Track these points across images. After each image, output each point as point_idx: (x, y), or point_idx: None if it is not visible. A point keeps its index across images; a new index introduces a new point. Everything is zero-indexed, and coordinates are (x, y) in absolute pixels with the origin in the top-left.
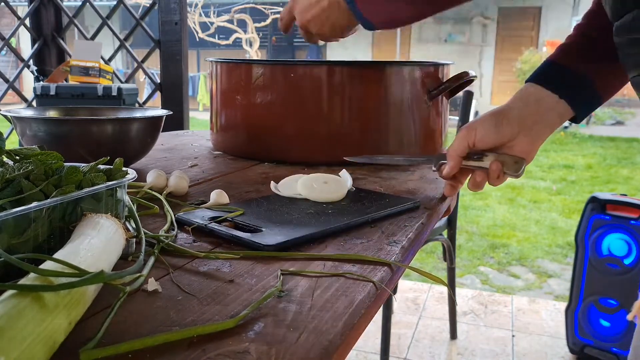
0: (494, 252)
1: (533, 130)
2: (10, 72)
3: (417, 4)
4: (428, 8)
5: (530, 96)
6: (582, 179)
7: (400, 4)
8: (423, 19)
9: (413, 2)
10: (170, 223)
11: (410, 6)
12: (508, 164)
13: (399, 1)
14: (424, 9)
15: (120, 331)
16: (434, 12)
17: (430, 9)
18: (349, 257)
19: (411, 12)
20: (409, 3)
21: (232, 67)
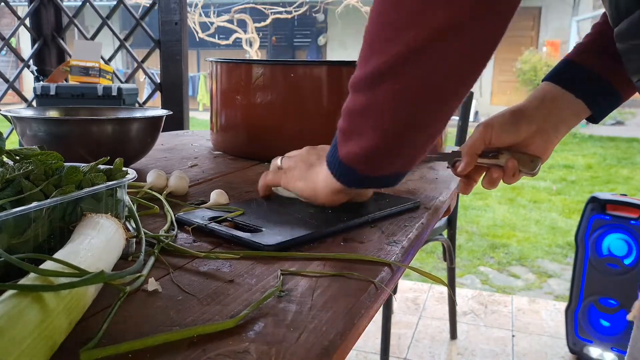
0: (494, 252)
1: (550, 129)
2: (10, 72)
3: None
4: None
5: (547, 95)
6: (582, 179)
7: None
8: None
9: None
10: (170, 223)
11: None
12: (524, 162)
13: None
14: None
15: (121, 331)
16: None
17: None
18: (349, 257)
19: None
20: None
21: (232, 67)
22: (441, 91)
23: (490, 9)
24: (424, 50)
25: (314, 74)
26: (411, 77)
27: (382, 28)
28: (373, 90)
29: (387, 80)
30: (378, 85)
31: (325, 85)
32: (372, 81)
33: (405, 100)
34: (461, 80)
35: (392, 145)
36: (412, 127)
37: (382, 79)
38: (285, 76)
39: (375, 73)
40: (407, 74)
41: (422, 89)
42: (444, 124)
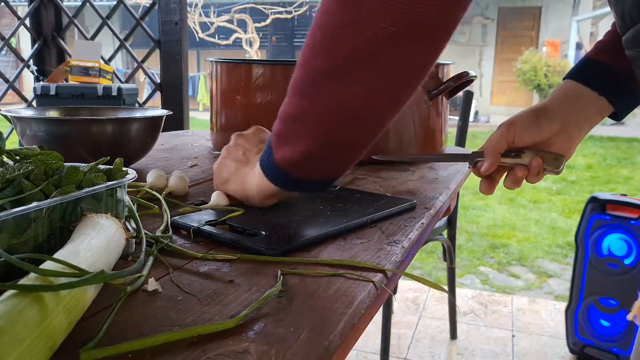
0: (494, 252)
1: (572, 127)
2: (10, 72)
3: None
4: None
5: (569, 92)
6: (582, 179)
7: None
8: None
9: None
10: (166, 224)
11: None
12: (548, 160)
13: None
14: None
15: (121, 331)
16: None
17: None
18: (347, 263)
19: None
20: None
21: (232, 67)
22: (372, 107)
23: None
24: (349, 69)
25: None
26: (345, 88)
27: (327, 31)
28: (311, 95)
29: (327, 85)
30: (317, 90)
31: None
32: (312, 84)
33: (339, 110)
34: (391, 99)
35: (326, 152)
36: (344, 136)
37: (321, 84)
38: (285, 76)
39: (317, 77)
40: (340, 85)
41: (354, 102)
42: (375, 136)
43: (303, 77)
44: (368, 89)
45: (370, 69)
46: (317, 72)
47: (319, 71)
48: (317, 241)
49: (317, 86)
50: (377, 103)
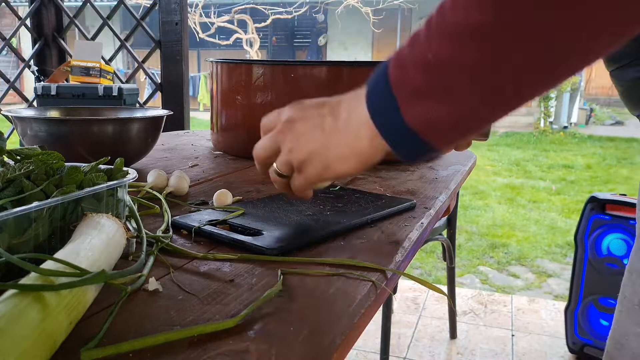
0: (493, 251)
1: None
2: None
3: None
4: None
5: None
6: (582, 178)
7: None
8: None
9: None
10: (167, 224)
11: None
12: None
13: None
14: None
15: (121, 331)
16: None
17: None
18: (347, 263)
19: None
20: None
21: (232, 67)
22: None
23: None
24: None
25: (314, 74)
26: (547, 34)
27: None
28: (494, 41)
29: (523, 30)
30: (504, 36)
31: (325, 85)
32: (496, 30)
33: (530, 63)
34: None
35: (481, 115)
36: (516, 98)
37: (515, 28)
38: (285, 76)
39: (510, 18)
40: (543, 30)
41: (555, 53)
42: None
43: (486, 17)
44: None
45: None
46: (512, 11)
47: (516, 9)
48: (317, 241)
49: (508, 35)
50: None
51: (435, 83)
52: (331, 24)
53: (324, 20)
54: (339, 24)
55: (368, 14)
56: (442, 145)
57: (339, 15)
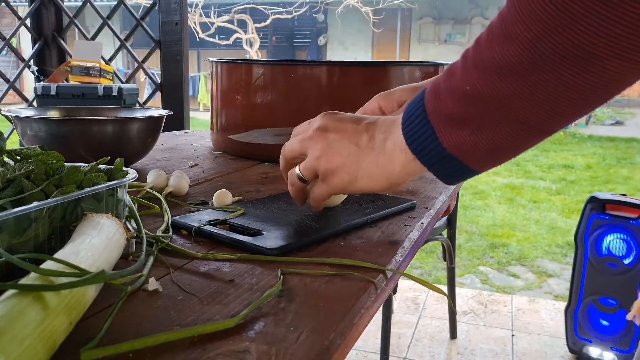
0: (493, 251)
1: None
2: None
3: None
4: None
5: None
6: (582, 178)
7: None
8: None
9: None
10: (166, 224)
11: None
12: None
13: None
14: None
15: (121, 331)
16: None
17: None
18: (347, 263)
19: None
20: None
21: (232, 67)
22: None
23: None
24: (599, 54)
25: (314, 74)
26: (581, 74)
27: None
28: (533, 77)
29: (559, 69)
30: (541, 73)
31: (325, 85)
32: (537, 64)
33: (562, 97)
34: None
35: (517, 142)
36: (549, 125)
37: (553, 66)
38: (285, 76)
39: (548, 56)
40: (580, 71)
41: (590, 90)
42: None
43: (521, 54)
44: (607, 79)
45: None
46: (551, 51)
47: (555, 50)
48: (317, 241)
49: (543, 69)
50: (610, 92)
51: (472, 113)
52: (331, 23)
53: (324, 20)
54: (339, 24)
55: (368, 14)
56: (481, 167)
57: (339, 15)
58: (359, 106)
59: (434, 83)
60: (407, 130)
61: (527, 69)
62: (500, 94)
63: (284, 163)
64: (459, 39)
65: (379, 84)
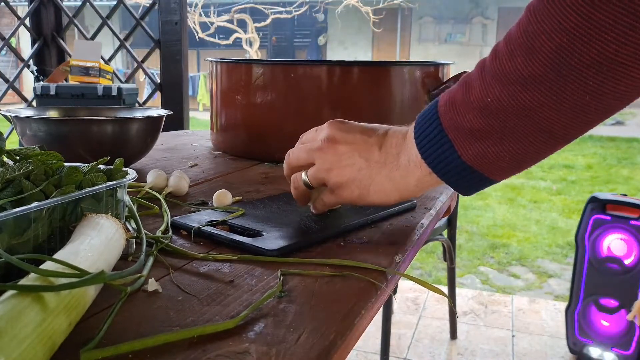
0: (494, 252)
1: None
2: (10, 72)
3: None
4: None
5: None
6: (582, 179)
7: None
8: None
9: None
10: (166, 225)
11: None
12: None
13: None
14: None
15: (121, 331)
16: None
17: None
18: (346, 264)
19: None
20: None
21: (232, 67)
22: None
23: None
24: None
25: (314, 74)
26: (606, 83)
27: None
28: (555, 86)
29: (585, 79)
30: (564, 83)
31: (325, 85)
32: (562, 75)
33: (588, 107)
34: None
35: (539, 152)
36: (569, 135)
37: (578, 76)
38: (285, 76)
39: (573, 66)
40: (603, 80)
41: (609, 100)
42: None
43: (546, 64)
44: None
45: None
46: (577, 60)
47: (581, 59)
48: (317, 241)
49: (568, 78)
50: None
51: (494, 125)
52: (331, 23)
53: (324, 19)
54: (338, 24)
55: (368, 14)
56: (501, 176)
57: (339, 15)
58: (359, 106)
59: (449, 96)
60: (422, 145)
61: (551, 79)
62: (524, 105)
63: (288, 170)
64: (459, 38)
65: (379, 83)
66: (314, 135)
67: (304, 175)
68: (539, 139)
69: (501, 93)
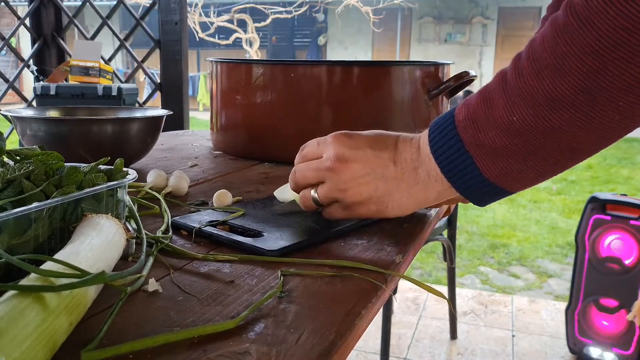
0: (494, 252)
1: None
2: (10, 72)
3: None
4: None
5: None
6: (582, 178)
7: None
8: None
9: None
10: (166, 225)
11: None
12: None
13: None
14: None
15: (121, 332)
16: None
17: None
18: (347, 264)
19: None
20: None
21: (232, 67)
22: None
23: None
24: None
25: (314, 74)
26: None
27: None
28: (584, 107)
29: (610, 101)
30: (592, 105)
31: (325, 85)
32: (592, 95)
33: (609, 128)
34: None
35: (559, 168)
36: (586, 154)
37: (604, 98)
38: (285, 76)
39: (602, 87)
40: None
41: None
42: None
43: (576, 86)
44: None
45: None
46: (609, 83)
47: (613, 82)
48: (317, 242)
49: (598, 101)
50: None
51: (519, 144)
52: (331, 23)
53: (324, 19)
54: (338, 24)
55: (368, 14)
56: (519, 189)
57: (339, 15)
58: (358, 105)
59: (467, 110)
60: (442, 160)
61: (581, 101)
62: (552, 125)
63: (295, 188)
64: (459, 38)
65: (379, 83)
66: (317, 150)
67: (313, 192)
68: (563, 157)
69: (527, 113)
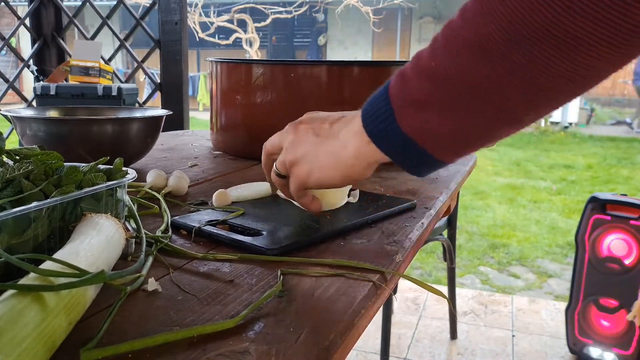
0: (494, 252)
1: None
2: (10, 72)
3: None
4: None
5: None
6: (582, 178)
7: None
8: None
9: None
10: (166, 224)
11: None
12: None
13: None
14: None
15: (121, 331)
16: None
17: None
18: (347, 264)
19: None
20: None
21: (232, 67)
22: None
23: None
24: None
25: (314, 74)
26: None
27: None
28: (510, 60)
29: (543, 49)
30: (523, 55)
31: (325, 85)
32: (514, 45)
33: (541, 81)
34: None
35: (487, 131)
36: (522, 115)
37: (534, 46)
38: (285, 76)
39: (528, 35)
40: (558, 51)
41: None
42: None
43: (498, 32)
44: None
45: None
46: (532, 29)
47: (537, 27)
48: (317, 241)
49: (524, 49)
50: (589, 80)
51: (438, 93)
52: (331, 23)
53: (324, 19)
54: (338, 24)
55: (368, 14)
56: (444, 156)
57: (339, 15)
58: (359, 105)
59: (401, 68)
60: (365, 113)
61: (500, 49)
62: (471, 75)
63: (265, 158)
64: None
65: (379, 83)
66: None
67: (274, 165)
68: (482, 115)
69: (446, 58)
